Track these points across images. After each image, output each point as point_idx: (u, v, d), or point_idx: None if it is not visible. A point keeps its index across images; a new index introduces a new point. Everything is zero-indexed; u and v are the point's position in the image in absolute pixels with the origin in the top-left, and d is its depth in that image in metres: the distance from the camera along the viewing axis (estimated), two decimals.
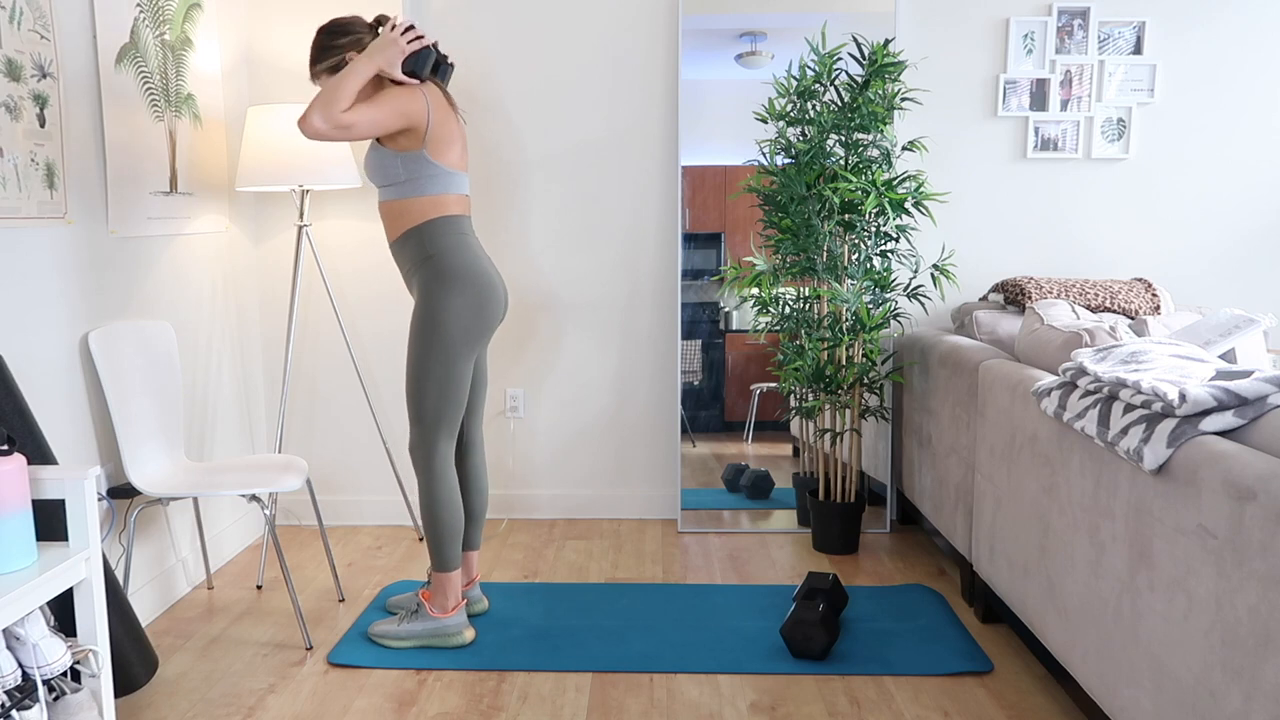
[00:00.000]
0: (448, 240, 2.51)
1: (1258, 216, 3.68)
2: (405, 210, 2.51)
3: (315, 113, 2.31)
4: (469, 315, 2.50)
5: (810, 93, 3.22)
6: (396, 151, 2.48)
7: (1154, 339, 2.21)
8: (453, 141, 2.51)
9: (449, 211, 2.52)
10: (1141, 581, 1.80)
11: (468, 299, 2.49)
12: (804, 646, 2.51)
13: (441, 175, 2.50)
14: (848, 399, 3.33)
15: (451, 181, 2.52)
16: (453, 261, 2.49)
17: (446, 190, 2.51)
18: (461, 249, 2.52)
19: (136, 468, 2.59)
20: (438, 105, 2.48)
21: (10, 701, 1.73)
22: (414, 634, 2.60)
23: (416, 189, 2.49)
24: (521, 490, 3.79)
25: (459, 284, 2.49)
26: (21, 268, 2.29)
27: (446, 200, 2.52)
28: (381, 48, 2.41)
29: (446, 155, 2.50)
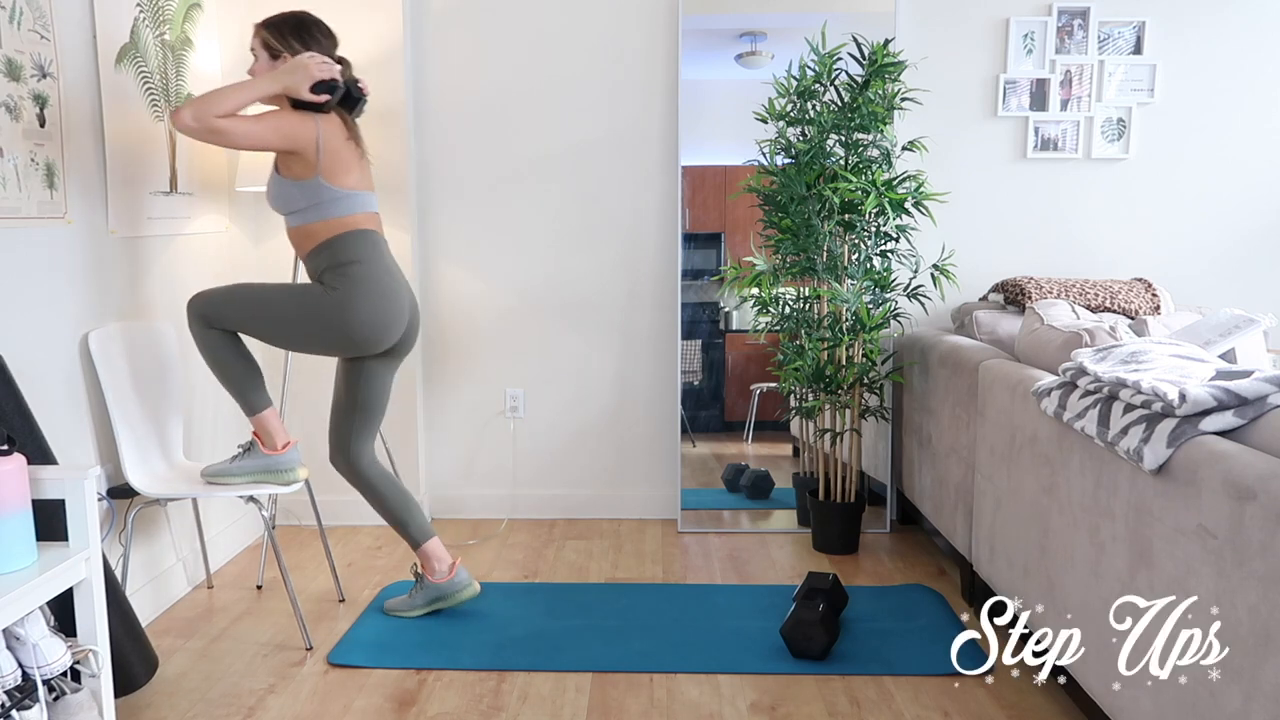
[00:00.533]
0: (359, 251, 2.52)
1: (1257, 216, 3.68)
2: (312, 233, 2.53)
3: (189, 108, 2.32)
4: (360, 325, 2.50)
5: (810, 93, 3.22)
6: (293, 180, 2.49)
7: (1154, 339, 2.21)
8: (350, 167, 2.52)
9: (359, 227, 2.54)
10: (1141, 581, 1.80)
11: (367, 310, 2.50)
12: (804, 646, 2.50)
13: (342, 198, 2.51)
14: (848, 399, 3.33)
15: (354, 202, 2.53)
16: (363, 270, 2.50)
17: (351, 211, 2.53)
18: (374, 260, 2.53)
19: (135, 468, 2.59)
20: (332, 134, 2.48)
21: (10, 701, 1.73)
22: (246, 470, 2.60)
23: (319, 214, 2.51)
24: (521, 490, 3.79)
25: (363, 293, 2.49)
26: (21, 268, 2.29)
27: (354, 219, 2.53)
28: (291, 70, 2.43)
29: (343, 179, 2.50)
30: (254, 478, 2.60)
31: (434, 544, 2.78)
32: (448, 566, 2.78)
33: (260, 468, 2.60)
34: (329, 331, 2.51)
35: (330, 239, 2.52)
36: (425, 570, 2.79)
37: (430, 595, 2.78)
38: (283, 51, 2.50)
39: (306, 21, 2.55)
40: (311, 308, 2.50)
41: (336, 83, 2.47)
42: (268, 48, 2.52)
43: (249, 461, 2.61)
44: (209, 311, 2.52)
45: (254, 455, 2.62)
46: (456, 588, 2.77)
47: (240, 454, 2.63)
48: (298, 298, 2.53)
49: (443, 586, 2.77)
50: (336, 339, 2.53)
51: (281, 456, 2.62)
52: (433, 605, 2.78)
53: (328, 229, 2.52)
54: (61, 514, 1.90)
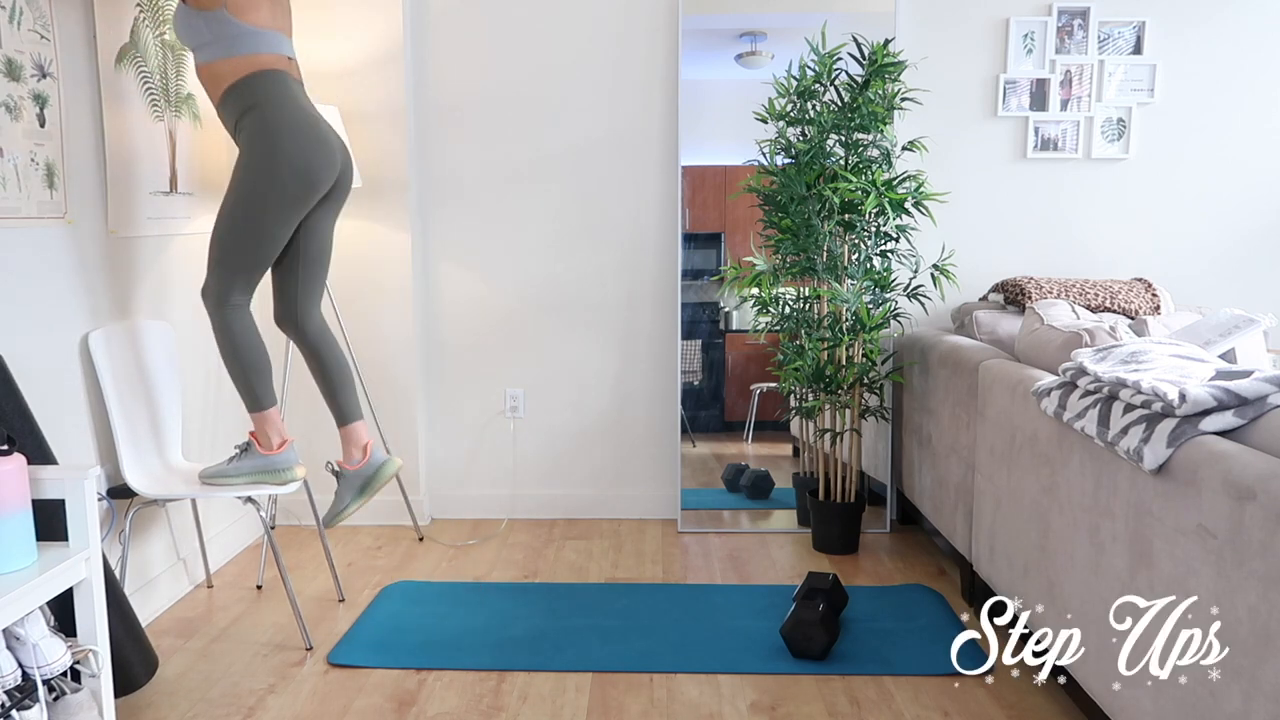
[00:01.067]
0: (271, 91, 2.43)
1: (1257, 216, 3.68)
2: (220, 71, 2.45)
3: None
4: (293, 169, 2.42)
5: (810, 93, 3.22)
6: (198, 10, 2.41)
7: (1154, 339, 2.21)
8: (259, 3, 2.43)
9: (268, 68, 2.45)
10: (1141, 581, 1.80)
11: (293, 148, 2.42)
12: (804, 646, 2.50)
13: (249, 34, 2.42)
14: (848, 399, 3.33)
15: (263, 40, 2.44)
16: (277, 112, 2.42)
17: (259, 50, 2.44)
18: (286, 100, 2.44)
19: (134, 469, 2.59)
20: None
21: (10, 701, 1.73)
22: (243, 471, 2.59)
23: (225, 49, 2.42)
24: (521, 490, 3.79)
25: (283, 133, 2.41)
26: (21, 268, 2.29)
27: (260, 58, 2.44)
28: None
29: (251, 14, 2.42)
30: (251, 478, 2.59)
31: (359, 427, 2.71)
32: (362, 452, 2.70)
33: (257, 467, 2.60)
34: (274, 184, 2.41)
35: (237, 81, 2.43)
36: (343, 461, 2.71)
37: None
38: None
39: None
40: (248, 174, 2.42)
41: None
42: None
43: (246, 462, 2.60)
44: (214, 282, 2.49)
45: (251, 455, 2.61)
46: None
47: (237, 455, 2.62)
48: (236, 181, 2.44)
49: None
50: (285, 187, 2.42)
51: (278, 456, 2.60)
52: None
53: (233, 68, 2.42)
54: (61, 514, 1.90)
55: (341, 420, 2.74)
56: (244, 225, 2.45)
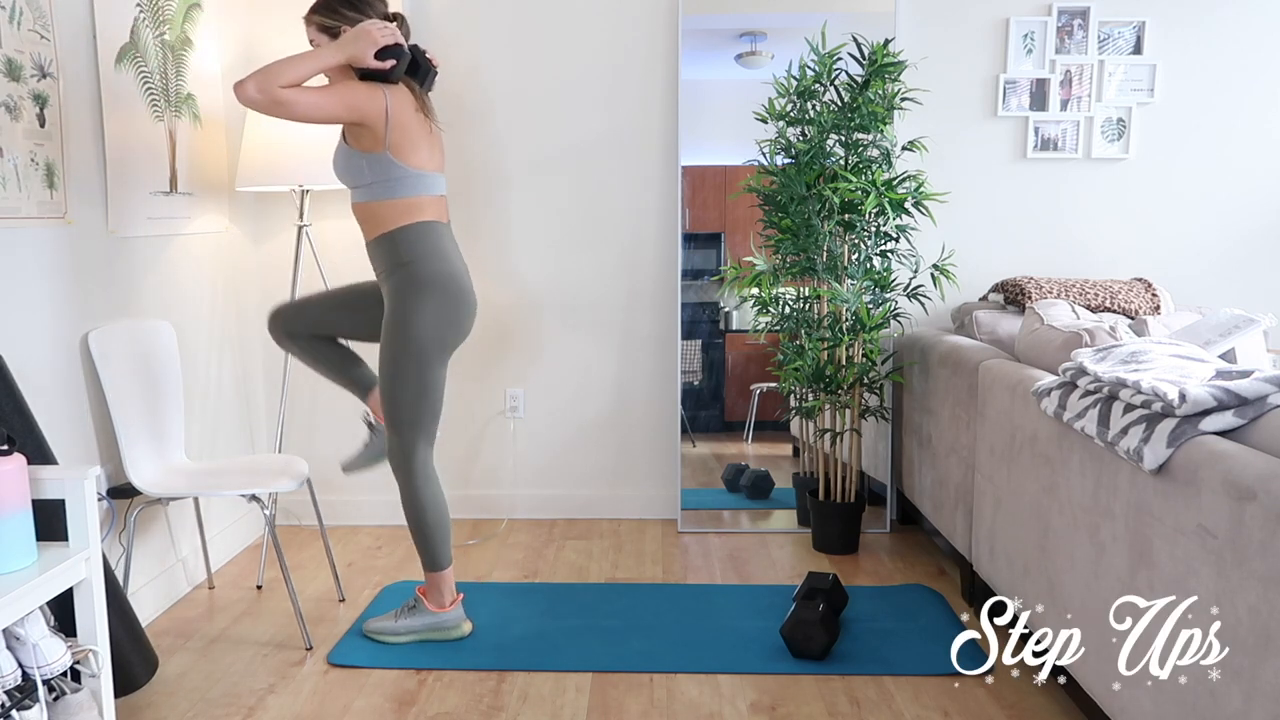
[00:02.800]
0: (422, 247, 2.47)
1: (1257, 216, 3.68)
2: (377, 213, 2.48)
3: (253, 80, 2.24)
4: (442, 323, 2.49)
5: (810, 93, 3.22)
6: (361, 152, 2.43)
7: (1154, 339, 2.21)
8: (418, 144, 2.45)
9: (422, 216, 2.48)
10: (1141, 581, 1.80)
11: (440, 306, 2.48)
12: (804, 646, 2.50)
13: (410, 178, 2.45)
14: (848, 399, 3.33)
15: (421, 183, 2.47)
16: (427, 269, 2.47)
17: (417, 192, 2.47)
18: (436, 256, 2.49)
19: (136, 468, 2.59)
20: (401, 107, 2.41)
21: (10, 701, 1.73)
22: (414, 629, 2.62)
23: (386, 191, 2.45)
24: (521, 490, 3.78)
25: (432, 291, 2.47)
26: (21, 268, 2.29)
27: (420, 203, 2.47)
28: (354, 38, 2.34)
29: (412, 157, 2.44)
30: (422, 635, 2.63)
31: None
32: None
33: (428, 625, 2.63)
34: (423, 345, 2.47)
35: (392, 232, 2.46)
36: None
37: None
38: (339, 25, 2.42)
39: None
40: (398, 337, 2.47)
41: (402, 48, 2.39)
42: (324, 30, 2.44)
43: (416, 620, 2.63)
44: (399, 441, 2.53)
45: (420, 614, 2.63)
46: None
47: (403, 611, 2.65)
48: (389, 344, 2.48)
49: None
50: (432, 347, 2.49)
51: (448, 615, 2.64)
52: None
53: (394, 215, 2.45)
54: (61, 514, 1.90)
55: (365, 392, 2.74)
56: (409, 380, 2.49)
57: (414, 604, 2.64)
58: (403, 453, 2.54)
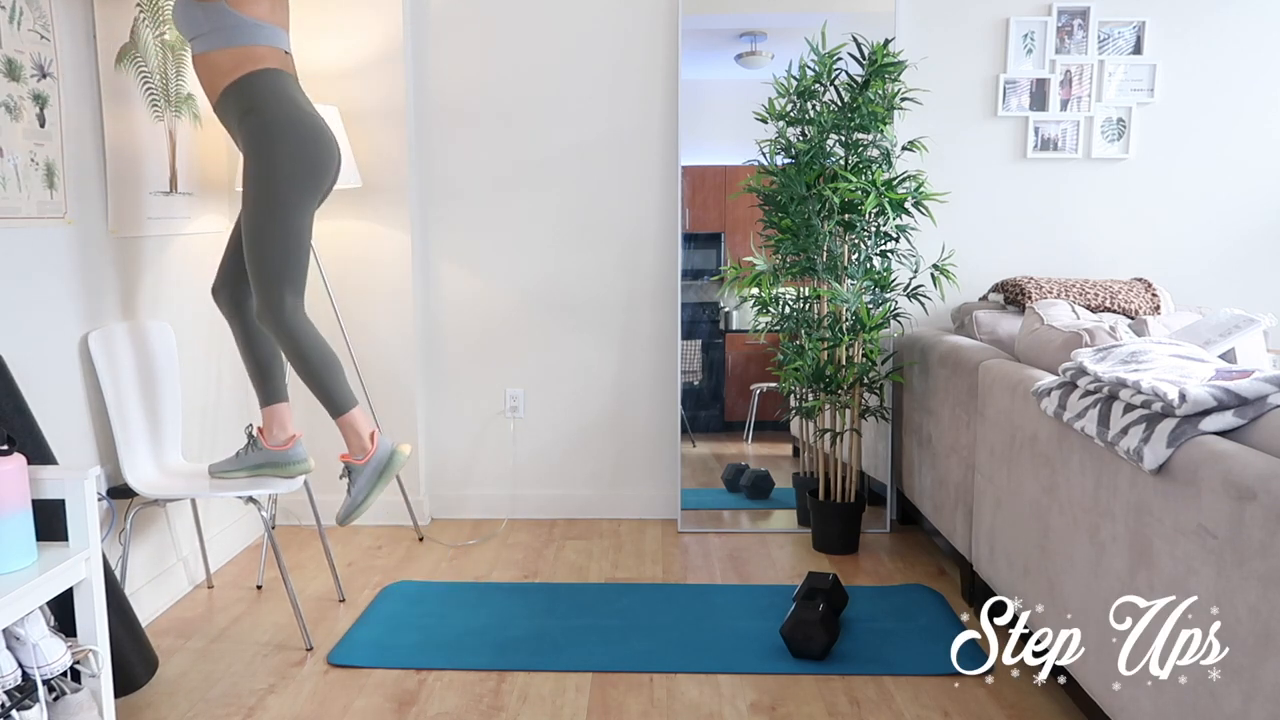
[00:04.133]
0: (268, 91, 2.43)
1: (1258, 216, 3.68)
2: (216, 63, 2.44)
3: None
4: (300, 165, 2.44)
5: (810, 93, 3.22)
6: (198, 2, 2.41)
7: (1154, 339, 2.21)
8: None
9: (266, 64, 2.45)
10: (1141, 581, 1.80)
11: (296, 147, 2.43)
12: (804, 646, 2.50)
13: (247, 26, 2.42)
14: (848, 399, 3.33)
15: (260, 33, 2.44)
16: (276, 111, 2.43)
17: (256, 41, 2.43)
18: (284, 100, 2.44)
19: (133, 469, 2.59)
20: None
21: (10, 701, 1.73)
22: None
23: (222, 40, 2.42)
24: (521, 490, 3.78)
25: (285, 133, 2.42)
26: (21, 268, 2.29)
27: (260, 52, 2.44)
28: None
29: (250, 7, 2.41)
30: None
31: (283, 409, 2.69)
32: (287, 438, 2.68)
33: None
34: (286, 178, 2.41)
35: (236, 81, 2.42)
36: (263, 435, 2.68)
37: (261, 460, 2.67)
38: None
39: None
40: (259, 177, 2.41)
41: None
42: None
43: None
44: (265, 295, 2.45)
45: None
46: (290, 460, 2.68)
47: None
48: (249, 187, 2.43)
49: (276, 455, 2.67)
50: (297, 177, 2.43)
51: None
52: (259, 470, 2.67)
53: (231, 60, 2.42)
54: (61, 514, 1.90)
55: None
56: (271, 229, 2.44)
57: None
58: (273, 311, 2.46)
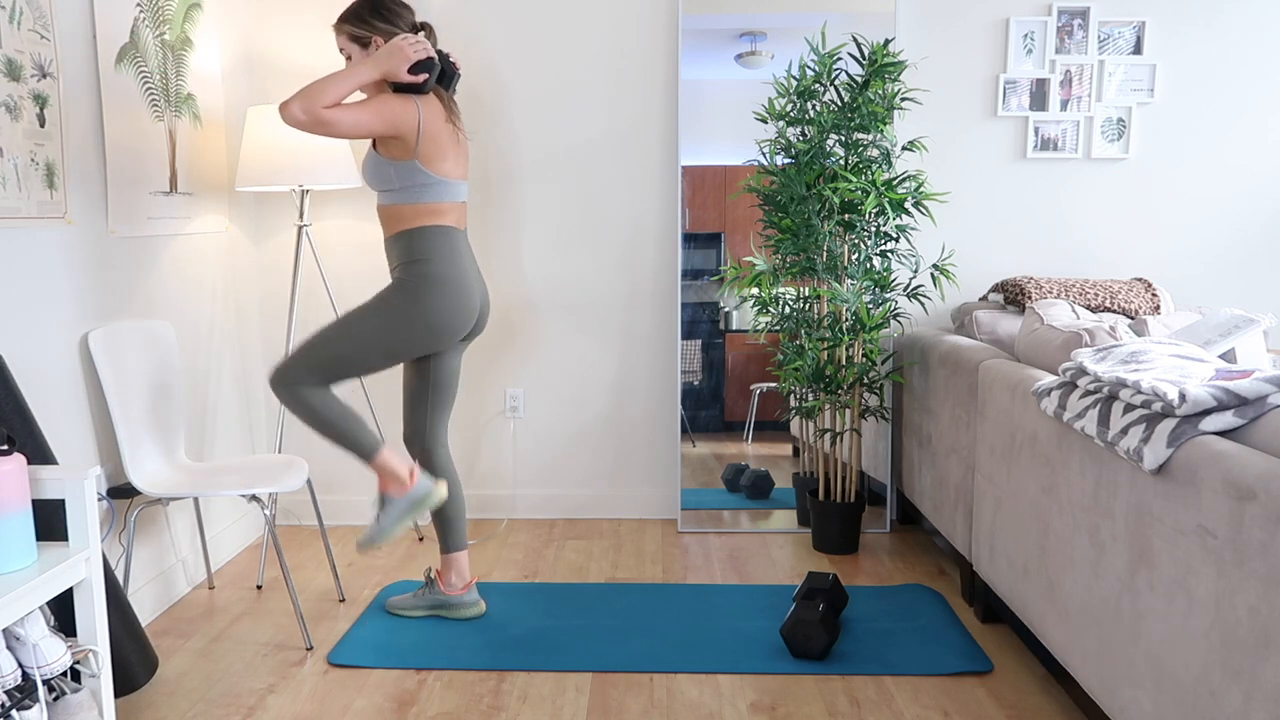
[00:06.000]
0: (439, 248, 2.54)
1: (1257, 216, 3.68)
2: (399, 214, 2.55)
3: (297, 101, 2.33)
4: (430, 325, 2.52)
5: (810, 93, 3.22)
6: (390, 159, 2.50)
7: (1154, 339, 2.21)
8: (446, 152, 2.53)
9: (442, 220, 2.56)
10: (1141, 581, 1.80)
11: (437, 309, 2.52)
12: (804, 646, 2.51)
13: (435, 184, 2.52)
14: (848, 399, 3.33)
15: (445, 190, 2.55)
16: (437, 268, 2.52)
17: (440, 199, 2.54)
18: (450, 259, 2.54)
19: (136, 468, 2.59)
20: (432, 117, 2.49)
21: (10, 701, 1.73)
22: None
23: (410, 196, 2.52)
24: (521, 490, 3.79)
25: (436, 290, 2.51)
26: (21, 268, 2.29)
27: (441, 208, 2.55)
28: (388, 54, 2.43)
29: (439, 165, 2.52)
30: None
31: (462, 557, 2.80)
32: (464, 583, 2.80)
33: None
34: (405, 337, 2.50)
35: (411, 230, 2.53)
36: (440, 577, 2.81)
37: (435, 601, 2.80)
38: (371, 37, 2.51)
39: (390, 5, 2.53)
40: (386, 313, 2.50)
41: (433, 60, 2.47)
42: (356, 40, 2.52)
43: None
44: (290, 373, 2.49)
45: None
46: (463, 604, 2.79)
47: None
48: (372, 310, 2.51)
49: (450, 599, 2.79)
50: (413, 343, 2.52)
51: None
52: (434, 610, 2.81)
53: (414, 216, 2.53)
54: (61, 514, 1.90)
55: (447, 550, 2.81)
56: (354, 346, 2.49)
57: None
58: (287, 380, 2.48)
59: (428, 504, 2.62)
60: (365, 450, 2.56)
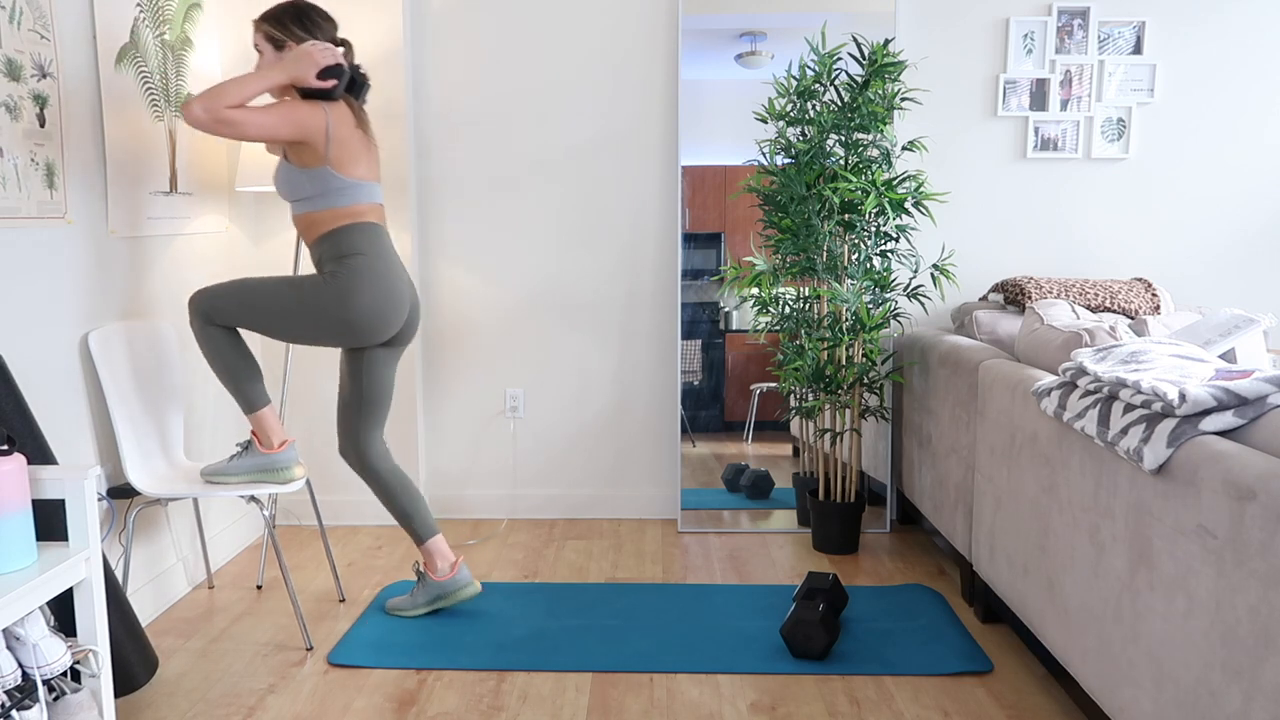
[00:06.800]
0: (369, 243, 2.54)
1: (1257, 216, 3.68)
2: (317, 220, 2.56)
3: (200, 101, 2.33)
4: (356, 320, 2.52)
5: (810, 93, 3.22)
6: (302, 167, 2.51)
7: (1154, 339, 2.21)
8: (357, 157, 2.54)
9: (365, 219, 2.57)
10: (1141, 581, 1.80)
11: (365, 304, 2.52)
12: (804, 646, 2.51)
13: (349, 188, 2.53)
14: (848, 399, 3.33)
15: (361, 192, 2.56)
16: (371, 262, 2.53)
17: (357, 201, 2.55)
18: (382, 254, 2.56)
19: (136, 468, 2.59)
20: (340, 121, 2.50)
21: (10, 701, 1.73)
22: (243, 469, 2.63)
23: (326, 202, 2.53)
24: (521, 490, 3.79)
25: (364, 287, 2.51)
26: (21, 268, 2.29)
27: (360, 209, 2.56)
28: (296, 59, 2.45)
29: (351, 169, 2.53)
30: (251, 476, 2.61)
31: (438, 541, 2.80)
32: (450, 565, 2.80)
33: (257, 466, 2.62)
34: (329, 321, 2.52)
35: (334, 230, 2.54)
36: (428, 568, 2.80)
37: (431, 594, 2.79)
38: (286, 41, 2.54)
39: (304, 8, 2.57)
40: (311, 298, 2.51)
41: (342, 68, 2.48)
42: (271, 40, 2.55)
43: (246, 460, 2.62)
44: (210, 307, 2.53)
45: (251, 454, 2.63)
46: (457, 586, 2.79)
47: (238, 453, 2.64)
48: (298, 289, 2.53)
49: (444, 585, 2.78)
50: (336, 328, 2.54)
51: (278, 455, 2.63)
52: (434, 604, 2.80)
53: (333, 218, 2.54)
54: (61, 514, 1.90)
55: (420, 541, 2.80)
56: (278, 319, 2.52)
57: (247, 444, 2.67)
58: (205, 314, 2.53)
59: (281, 476, 2.62)
60: (251, 401, 2.60)
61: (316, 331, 2.55)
